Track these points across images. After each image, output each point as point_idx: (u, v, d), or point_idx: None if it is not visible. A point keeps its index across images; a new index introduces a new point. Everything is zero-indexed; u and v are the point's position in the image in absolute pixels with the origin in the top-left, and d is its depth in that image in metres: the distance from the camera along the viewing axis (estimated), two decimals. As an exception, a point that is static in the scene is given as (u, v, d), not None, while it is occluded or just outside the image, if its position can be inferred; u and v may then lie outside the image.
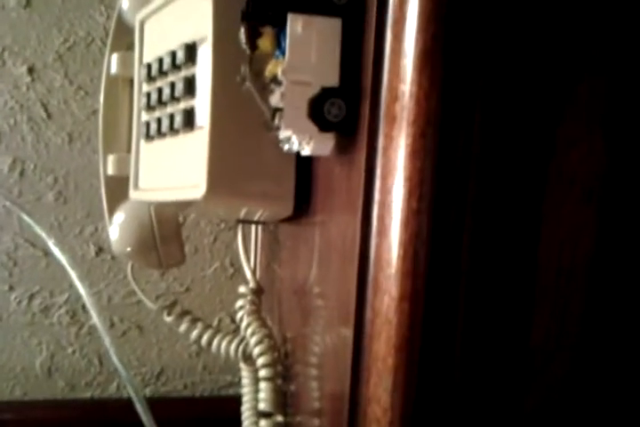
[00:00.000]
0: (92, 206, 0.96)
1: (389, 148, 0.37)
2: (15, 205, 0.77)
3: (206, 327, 0.64)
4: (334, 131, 0.41)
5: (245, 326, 0.61)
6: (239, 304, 0.63)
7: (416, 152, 0.35)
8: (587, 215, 0.38)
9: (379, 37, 0.38)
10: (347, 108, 0.41)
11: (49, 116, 0.95)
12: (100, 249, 0.98)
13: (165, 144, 0.57)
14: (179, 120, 0.53)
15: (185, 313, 0.65)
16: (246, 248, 0.66)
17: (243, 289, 0.63)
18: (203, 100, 0.50)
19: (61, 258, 0.66)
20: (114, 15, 0.66)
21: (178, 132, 0.53)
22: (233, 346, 0.62)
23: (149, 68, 0.58)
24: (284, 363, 0.60)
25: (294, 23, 0.40)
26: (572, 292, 0.39)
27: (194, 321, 0.65)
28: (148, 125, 0.59)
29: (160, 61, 0.56)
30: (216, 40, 0.48)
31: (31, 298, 0.99)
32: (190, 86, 0.52)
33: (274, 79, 0.42)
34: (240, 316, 0.62)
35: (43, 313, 1.00)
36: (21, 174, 0.95)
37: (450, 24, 0.35)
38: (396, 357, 0.37)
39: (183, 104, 0.53)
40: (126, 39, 0.64)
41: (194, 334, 0.64)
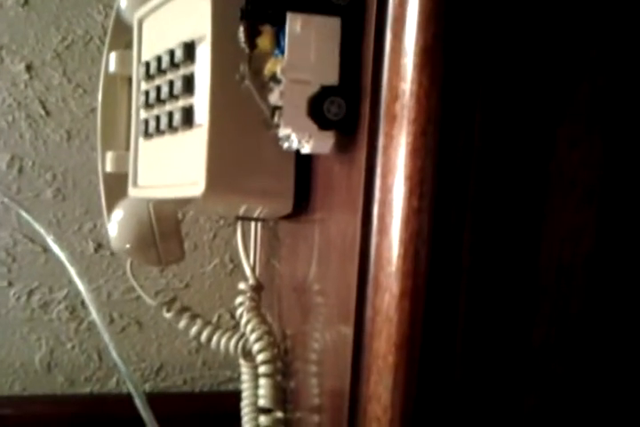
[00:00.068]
0: (91, 203, 0.96)
1: (390, 146, 0.37)
2: (14, 201, 0.77)
3: (206, 324, 0.64)
4: (334, 129, 0.41)
5: (245, 322, 0.61)
6: (239, 301, 0.63)
7: (416, 151, 0.35)
8: (587, 215, 0.38)
9: (378, 36, 0.38)
10: (346, 106, 0.41)
11: (47, 113, 0.94)
12: (99, 245, 0.98)
13: (164, 142, 0.56)
14: (177, 118, 0.53)
15: (184, 309, 0.65)
16: (246, 245, 0.66)
17: (242, 286, 0.63)
18: (201, 99, 0.50)
19: (60, 254, 0.66)
20: (112, 13, 0.66)
21: (176, 129, 0.53)
22: (232, 342, 0.62)
23: (148, 66, 0.58)
24: (283, 359, 0.60)
25: (293, 22, 0.40)
26: (572, 291, 0.39)
27: (193, 317, 0.65)
28: (146, 123, 0.58)
29: (159, 60, 0.56)
30: (215, 39, 0.48)
31: (30, 294, 0.99)
32: (189, 84, 0.52)
33: (273, 78, 0.42)
34: (240, 312, 0.62)
35: (42, 309, 0.99)
36: (20, 171, 0.95)
37: (450, 22, 0.35)
38: (396, 355, 0.37)
39: (182, 102, 0.53)
40: (125, 37, 0.64)
41: (193, 331, 0.64)
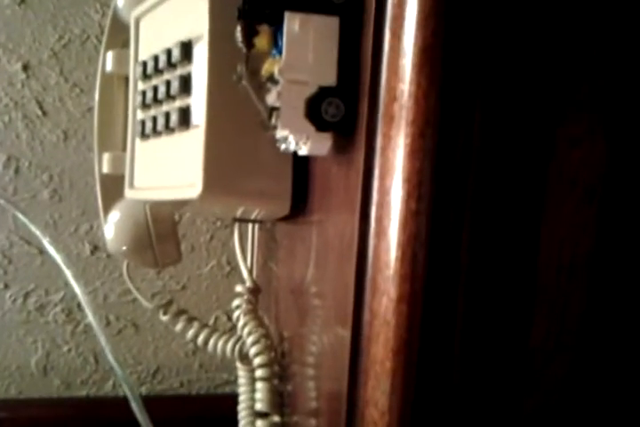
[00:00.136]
0: (88, 204, 0.96)
1: (388, 148, 0.36)
2: (10, 203, 0.76)
3: (202, 327, 0.64)
4: (332, 131, 0.41)
5: (242, 325, 0.60)
6: (236, 303, 0.62)
7: (415, 152, 0.35)
8: (587, 215, 0.38)
9: (377, 36, 0.38)
10: (345, 107, 0.40)
11: (44, 113, 0.94)
12: (96, 247, 0.98)
13: (161, 143, 0.56)
14: (174, 119, 0.52)
15: (181, 312, 0.65)
16: (243, 247, 0.66)
17: (239, 288, 0.63)
18: (199, 99, 0.50)
19: (57, 257, 0.65)
20: (109, 13, 0.65)
21: (173, 130, 0.53)
22: (229, 346, 0.62)
23: (145, 66, 0.57)
24: (280, 363, 0.60)
25: (291, 21, 0.39)
26: (572, 291, 0.39)
27: (190, 320, 0.65)
28: (143, 124, 0.58)
29: (156, 59, 0.55)
30: (212, 38, 0.48)
31: (26, 296, 0.98)
32: (186, 85, 0.52)
33: (270, 78, 0.41)
34: (237, 315, 0.62)
35: (38, 311, 0.99)
36: (16, 172, 0.94)
37: (449, 22, 0.35)
38: (393, 359, 0.37)
39: (179, 102, 0.53)
40: (122, 37, 0.64)
41: (190, 334, 0.64)
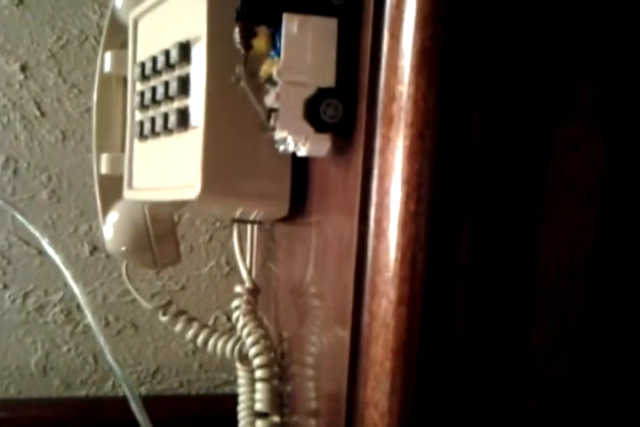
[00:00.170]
0: (87, 205, 0.96)
1: (387, 149, 0.36)
2: (8, 203, 0.76)
3: (202, 327, 0.64)
4: (330, 132, 0.41)
5: (241, 326, 0.60)
6: (235, 304, 0.62)
7: (414, 154, 0.35)
8: (586, 216, 0.38)
9: (376, 37, 0.38)
10: (343, 108, 0.40)
11: (42, 114, 0.94)
12: (95, 248, 0.98)
13: (159, 144, 0.56)
14: (173, 120, 0.52)
15: (180, 313, 0.65)
16: (242, 247, 0.66)
17: (239, 289, 0.63)
18: (197, 100, 0.50)
19: (55, 257, 0.65)
20: (107, 13, 0.65)
21: (172, 131, 0.53)
22: (229, 346, 0.62)
23: (143, 66, 0.57)
24: (280, 363, 0.60)
25: (290, 23, 0.39)
26: (571, 293, 0.39)
27: (189, 321, 0.64)
28: (141, 125, 0.58)
29: (154, 60, 0.55)
30: (210, 39, 0.48)
31: (25, 297, 0.98)
32: (184, 86, 0.51)
33: (269, 79, 0.41)
34: (236, 316, 0.62)
35: (37, 312, 0.99)
36: (15, 173, 0.94)
37: (448, 23, 0.35)
38: (393, 361, 0.37)
39: (177, 103, 0.53)
40: (120, 37, 0.64)
41: (189, 334, 0.64)
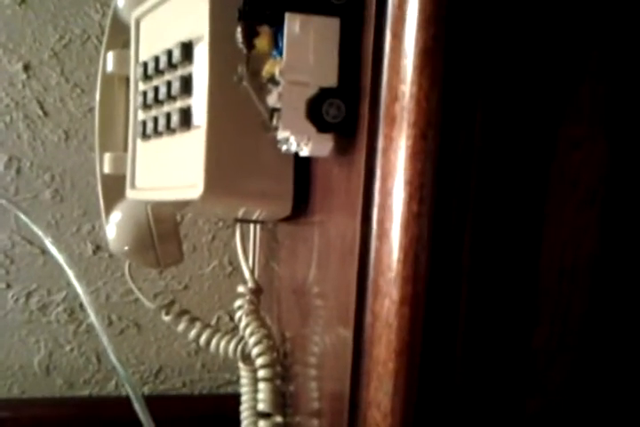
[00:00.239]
0: (89, 204, 0.96)
1: (389, 149, 0.36)
2: (12, 203, 0.76)
3: (205, 327, 0.64)
4: (333, 132, 0.41)
5: (244, 325, 0.60)
6: (238, 304, 0.62)
7: (417, 154, 0.35)
8: (589, 217, 0.38)
9: (378, 37, 0.38)
10: (346, 108, 0.40)
11: (45, 113, 0.94)
12: (98, 247, 0.98)
13: (162, 143, 0.56)
14: (175, 119, 0.52)
15: (183, 312, 0.65)
16: (245, 247, 0.66)
17: (241, 289, 0.63)
18: (199, 100, 0.50)
19: (59, 256, 0.65)
20: (109, 13, 0.65)
21: (174, 131, 0.53)
22: (232, 346, 0.62)
23: (145, 66, 0.57)
24: (282, 363, 0.60)
25: (292, 22, 0.39)
26: (574, 293, 0.39)
27: (192, 320, 0.65)
28: (144, 124, 0.58)
29: (156, 60, 0.55)
30: (213, 39, 0.48)
31: (29, 296, 0.98)
32: (187, 85, 0.51)
33: (271, 79, 0.41)
34: (239, 316, 0.62)
35: (40, 311, 0.99)
36: (18, 172, 0.94)
37: (450, 23, 0.35)
38: (396, 361, 0.37)
39: (180, 103, 0.53)
40: (122, 37, 0.64)
41: (192, 334, 0.64)
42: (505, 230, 0.37)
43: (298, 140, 0.42)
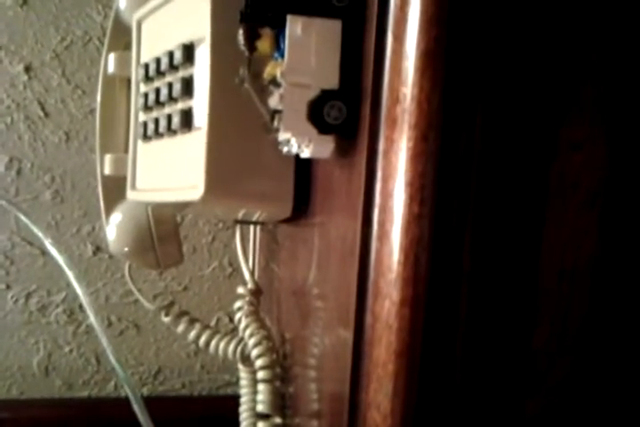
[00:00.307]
0: (90, 206, 0.96)
1: (390, 151, 0.36)
2: (12, 204, 0.76)
3: (204, 328, 0.64)
4: (334, 133, 0.41)
5: (244, 327, 0.60)
6: (237, 305, 0.62)
7: (417, 156, 0.35)
8: (589, 219, 0.38)
9: (379, 39, 0.38)
10: (347, 110, 0.40)
11: (46, 114, 0.94)
12: (98, 248, 0.98)
13: (163, 145, 0.56)
14: (176, 121, 0.52)
15: (183, 314, 0.65)
16: (245, 248, 0.66)
17: (241, 290, 0.63)
18: (201, 101, 0.50)
19: (58, 257, 0.65)
20: (111, 14, 0.65)
21: (175, 132, 0.53)
22: (231, 347, 0.62)
23: (147, 68, 0.57)
24: (282, 365, 0.60)
25: (294, 25, 0.39)
26: (574, 294, 0.39)
27: (192, 322, 0.65)
28: (145, 126, 0.58)
29: (158, 62, 0.55)
30: (214, 40, 0.48)
31: (28, 297, 0.99)
32: (188, 87, 0.51)
33: (273, 81, 0.41)
34: (238, 317, 0.62)
35: (40, 312, 0.99)
36: (18, 173, 0.95)
37: (452, 25, 0.35)
38: (396, 363, 0.37)
39: (181, 105, 0.53)
40: (124, 39, 0.64)
41: (192, 335, 0.64)
42: (505, 232, 0.37)
43: (299, 142, 0.42)
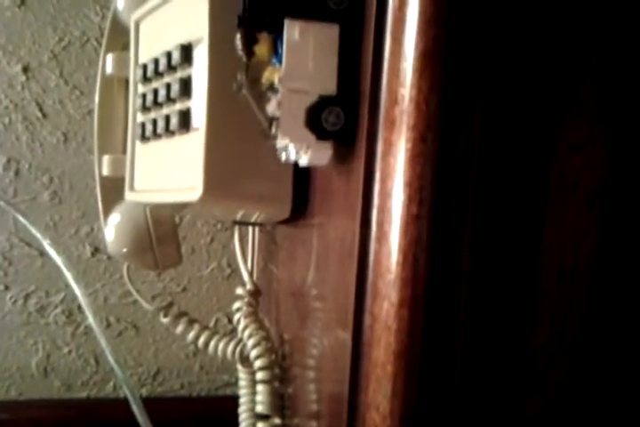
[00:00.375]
0: (88, 206, 0.96)
1: (389, 152, 0.36)
2: (10, 205, 0.76)
3: (203, 329, 0.64)
4: (332, 140, 0.41)
5: (243, 328, 0.60)
6: (236, 306, 0.62)
7: (416, 157, 0.35)
8: (589, 219, 0.38)
9: (378, 40, 0.38)
10: (345, 116, 0.40)
11: (44, 115, 0.94)
12: (96, 249, 0.98)
13: (161, 145, 0.56)
14: (174, 121, 0.52)
15: (181, 314, 0.65)
16: (243, 249, 0.66)
17: (240, 291, 0.63)
18: (199, 102, 0.50)
19: (57, 258, 0.65)
20: (109, 15, 0.65)
21: (173, 133, 0.53)
22: (230, 348, 0.62)
23: (145, 68, 0.57)
24: (281, 365, 0.60)
25: (291, 29, 0.39)
26: (574, 295, 0.39)
27: (190, 322, 0.64)
28: (143, 126, 0.58)
29: (156, 62, 0.55)
30: (212, 41, 0.48)
31: (27, 298, 0.98)
32: (186, 87, 0.51)
33: (271, 87, 0.41)
34: (237, 318, 0.62)
35: (38, 313, 0.99)
36: (16, 174, 0.94)
37: (450, 25, 0.35)
38: (395, 364, 0.37)
39: (179, 105, 0.53)
40: (122, 39, 0.64)
41: (190, 336, 0.64)
42: (505, 232, 0.37)
43: (297, 149, 0.41)
